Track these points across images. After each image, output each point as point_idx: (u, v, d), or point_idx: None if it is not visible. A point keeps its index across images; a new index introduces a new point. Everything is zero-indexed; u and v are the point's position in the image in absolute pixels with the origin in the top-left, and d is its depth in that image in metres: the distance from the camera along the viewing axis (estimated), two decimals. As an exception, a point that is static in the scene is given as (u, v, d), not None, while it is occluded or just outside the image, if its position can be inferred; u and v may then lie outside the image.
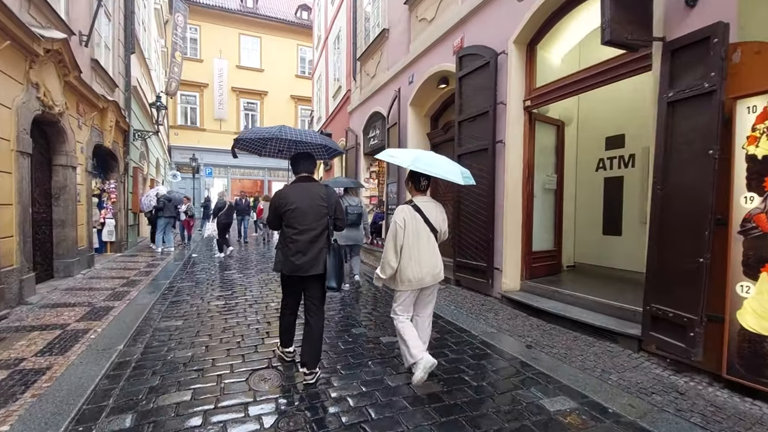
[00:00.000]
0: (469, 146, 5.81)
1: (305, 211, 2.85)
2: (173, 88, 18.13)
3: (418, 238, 2.84)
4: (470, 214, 5.77)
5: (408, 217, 2.84)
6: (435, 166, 2.80)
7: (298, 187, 2.95)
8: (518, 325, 4.43)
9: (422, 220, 2.87)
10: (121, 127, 9.38)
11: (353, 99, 11.60)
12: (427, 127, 8.10)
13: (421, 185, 3.00)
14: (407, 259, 2.82)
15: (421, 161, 2.78)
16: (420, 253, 2.84)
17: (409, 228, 2.82)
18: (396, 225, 2.82)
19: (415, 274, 2.83)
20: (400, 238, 2.82)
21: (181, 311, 4.86)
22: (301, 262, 2.79)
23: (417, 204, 2.91)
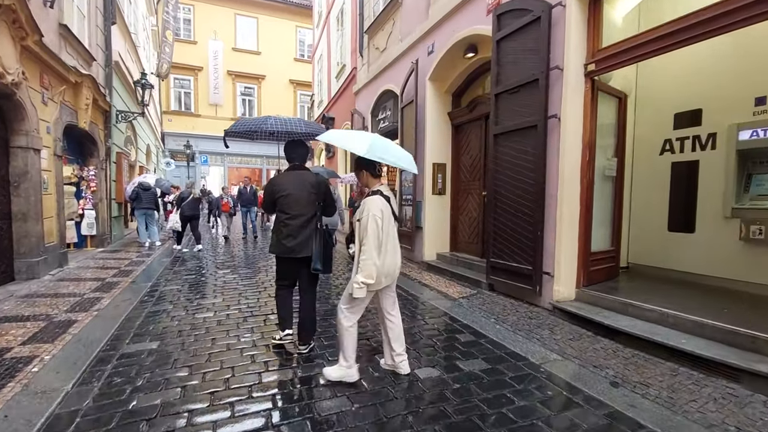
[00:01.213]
0: (509, 124, 4.78)
1: (297, 198, 3.09)
2: (164, 70, 16.94)
3: (390, 230, 2.69)
4: (510, 207, 4.77)
5: (383, 208, 2.63)
6: (389, 153, 2.62)
7: (291, 175, 3.19)
8: (586, 349, 3.47)
9: (390, 209, 2.72)
10: (100, 107, 8.31)
11: (360, 77, 10.50)
12: (448, 105, 7.06)
13: (377, 172, 2.80)
14: (383, 254, 2.64)
15: (377, 147, 2.54)
16: (393, 246, 2.72)
17: (385, 220, 2.63)
18: (376, 219, 2.57)
19: (389, 270, 2.70)
20: (380, 233, 2.59)
21: (158, 327, 3.88)
22: (292, 244, 3.06)
23: (385, 194, 2.71)
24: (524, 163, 4.58)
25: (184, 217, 8.67)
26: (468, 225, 6.78)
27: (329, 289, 5.53)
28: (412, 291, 5.46)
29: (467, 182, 6.80)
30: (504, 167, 4.89)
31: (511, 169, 4.76)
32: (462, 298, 5.08)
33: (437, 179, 6.97)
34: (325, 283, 5.80)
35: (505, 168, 4.87)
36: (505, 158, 4.87)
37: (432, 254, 7.07)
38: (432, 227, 7.04)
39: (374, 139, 2.63)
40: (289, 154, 3.34)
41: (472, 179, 6.66)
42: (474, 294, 5.23)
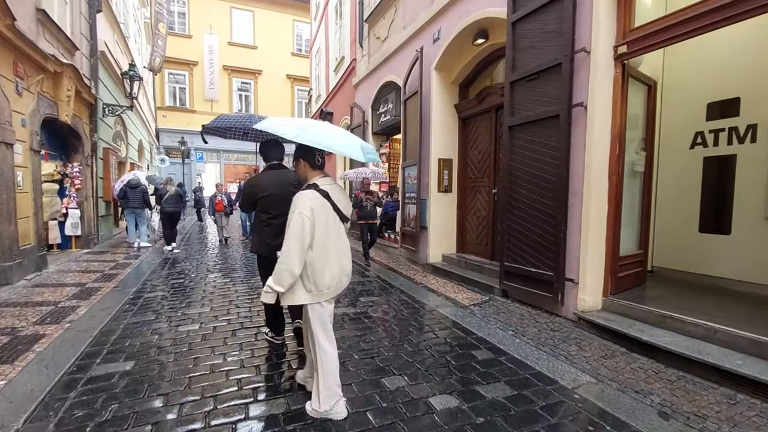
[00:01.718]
0: (528, 114, 4.33)
1: (278, 198, 2.99)
2: (158, 63, 16.36)
3: (330, 232, 2.26)
4: (528, 205, 4.33)
5: (316, 205, 2.20)
6: (327, 138, 2.16)
7: (270, 174, 3.14)
8: (622, 369, 3.04)
9: (331, 207, 2.27)
10: (84, 99, 7.83)
11: (359, 69, 10.03)
12: (455, 97, 6.60)
13: (317, 161, 2.38)
14: (322, 259, 2.21)
15: (309, 131, 2.13)
16: (337, 250, 2.29)
17: (320, 219, 2.20)
18: (302, 217, 2.13)
19: (335, 278, 2.27)
20: (308, 234, 2.15)
21: (135, 343, 3.43)
22: (275, 243, 2.91)
23: (322, 188, 2.27)
24: (544, 157, 4.13)
25: (165, 214, 8.27)
26: (476, 225, 6.34)
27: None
28: (418, 297, 5.03)
29: (475, 179, 6.35)
30: (520, 162, 4.45)
31: (529, 164, 4.32)
32: (473, 306, 4.64)
33: (443, 176, 6.53)
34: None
35: (521, 163, 4.43)
36: (521, 152, 4.43)
37: (437, 256, 6.64)
38: (438, 227, 6.60)
39: (307, 122, 2.25)
40: (265, 153, 3.27)
41: (480, 176, 6.21)
42: (486, 301, 4.80)
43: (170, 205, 8.22)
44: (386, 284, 5.69)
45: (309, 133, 2.10)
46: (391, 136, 9.65)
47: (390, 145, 9.77)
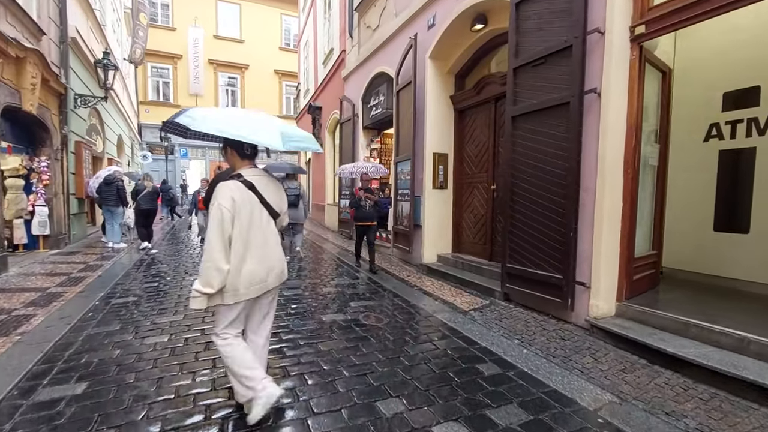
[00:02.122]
0: (533, 102, 3.98)
1: None
2: (138, 55, 15.71)
3: (254, 227, 2.09)
4: (533, 202, 3.98)
5: (238, 197, 2.03)
6: (229, 125, 1.96)
7: None
8: (646, 386, 2.70)
9: (257, 200, 2.11)
10: (52, 88, 7.27)
11: (349, 61, 9.61)
12: (450, 87, 6.23)
13: (246, 151, 2.19)
14: (240, 257, 2.03)
15: (210, 119, 1.95)
16: (259, 247, 2.11)
17: (242, 213, 2.03)
18: (221, 209, 1.97)
19: (255, 277, 2.08)
20: (228, 229, 1.98)
21: (93, 360, 2.99)
22: None
23: (248, 179, 2.10)
24: (552, 149, 3.78)
25: (140, 211, 7.83)
26: (473, 223, 5.98)
27: (316, 299, 4.68)
28: (413, 301, 4.65)
29: (472, 174, 5.99)
30: (524, 155, 4.09)
31: (534, 156, 3.96)
32: (474, 311, 4.28)
33: (438, 171, 6.16)
34: (311, 294, 4.95)
35: (525, 156, 4.07)
36: (525, 144, 4.07)
37: (432, 256, 6.27)
38: (432, 225, 6.23)
39: (216, 110, 2.10)
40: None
41: (478, 171, 5.85)
42: (487, 305, 4.44)
43: (145, 202, 7.77)
44: (378, 286, 5.30)
45: (210, 120, 1.93)
46: (383, 130, 9.26)
47: (381, 140, 9.37)
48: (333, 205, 11.64)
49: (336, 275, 5.98)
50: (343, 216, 10.02)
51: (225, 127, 1.92)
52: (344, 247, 8.55)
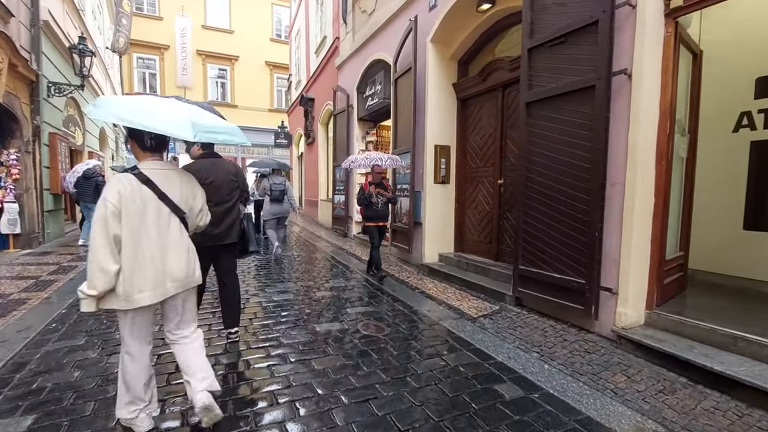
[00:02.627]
0: (552, 87, 3.57)
1: (219, 185, 3.03)
2: (122, 44, 15.03)
3: (148, 225, 1.86)
4: (551, 198, 3.59)
5: (127, 192, 1.82)
6: (130, 112, 1.76)
7: (209, 162, 3.09)
8: (693, 410, 2.33)
9: (154, 196, 1.89)
10: (22, 75, 6.70)
11: (343, 49, 9.12)
12: (453, 74, 5.80)
13: (147, 143, 1.96)
14: (131, 258, 1.81)
15: (107, 106, 1.78)
16: (154, 248, 1.88)
17: (131, 209, 1.82)
18: (105, 204, 1.78)
19: (148, 281, 1.85)
20: (113, 225, 1.77)
21: (47, 383, 2.53)
22: (216, 232, 2.96)
23: (144, 172, 1.90)
24: (573, 138, 3.38)
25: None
26: (477, 220, 5.58)
27: (309, 305, 4.26)
28: (416, 306, 4.25)
29: (476, 168, 5.58)
30: (541, 146, 3.69)
31: (553, 147, 3.56)
32: (483, 318, 3.89)
33: (440, 165, 5.74)
34: (303, 299, 4.52)
35: (542, 147, 3.67)
36: (542, 133, 3.67)
37: (434, 255, 5.87)
38: (434, 223, 5.82)
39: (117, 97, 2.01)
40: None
41: (483, 164, 5.45)
42: (497, 311, 4.05)
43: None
44: (376, 289, 4.89)
45: (110, 107, 1.78)
46: (379, 122, 8.81)
47: (378, 132, 8.92)
48: (326, 201, 11.19)
49: (331, 276, 5.55)
50: (337, 212, 9.58)
51: (123, 114, 1.75)
52: (338, 245, 8.12)
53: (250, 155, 23.06)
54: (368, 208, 5.21)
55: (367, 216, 5.29)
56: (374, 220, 5.27)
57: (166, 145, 2.06)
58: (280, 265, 6.18)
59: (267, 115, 22.92)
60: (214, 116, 2.31)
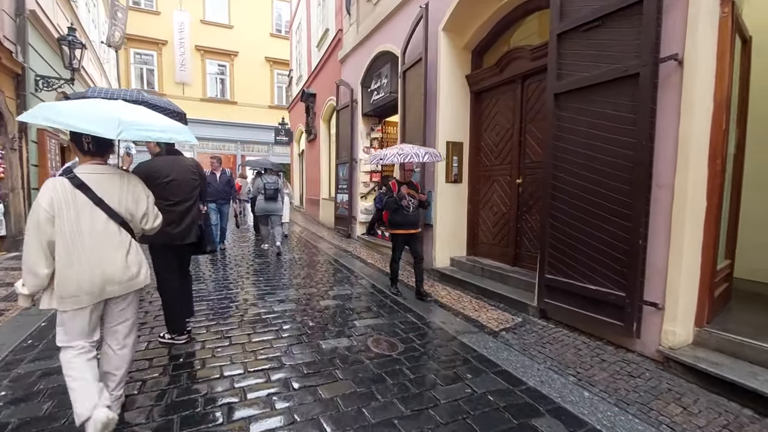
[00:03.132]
0: (585, 76, 3.19)
1: (180, 184, 2.99)
2: (118, 39, 14.63)
3: (83, 230, 1.90)
4: (584, 199, 3.22)
5: (60, 196, 1.87)
6: (58, 113, 1.80)
7: (169, 160, 3.03)
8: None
9: (88, 201, 1.91)
10: (6, 67, 6.32)
11: (346, 41, 8.73)
12: (467, 65, 5.42)
13: (84, 147, 1.98)
14: (65, 262, 1.85)
15: (42, 108, 1.87)
16: (89, 252, 1.90)
17: (64, 214, 1.86)
18: (37, 208, 1.83)
19: (83, 286, 1.88)
20: (47, 231, 1.83)
21: (12, 418, 2.18)
22: (176, 231, 2.95)
23: (79, 176, 1.92)
24: (611, 134, 3.01)
25: None
26: (492, 222, 5.22)
27: (313, 317, 3.89)
28: (428, 317, 3.89)
29: (491, 166, 5.21)
30: (570, 142, 3.32)
31: (586, 144, 3.19)
32: (505, 332, 3.53)
33: (452, 163, 5.37)
34: (306, 309, 4.16)
35: (573, 143, 3.30)
36: (573, 128, 3.30)
37: (445, 259, 5.50)
38: (445, 225, 5.46)
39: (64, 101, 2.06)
40: None
41: (499, 163, 5.07)
42: (520, 324, 3.69)
43: None
44: (385, 297, 4.53)
45: (40, 110, 1.84)
46: (385, 117, 8.43)
47: (383, 128, 8.55)
48: (328, 200, 10.82)
49: (335, 282, 5.18)
50: (339, 212, 9.20)
51: (50, 115, 1.80)
52: (341, 247, 7.76)
53: (250, 153, 22.71)
54: (396, 212, 4.36)
55: (394, 222, 4.42)
56: (405, 227, 4.40)
57: (108, 148, 2.05)
58: (280, 270, 5.82)
59: (267, 112, 22.53)
60: (155, 114, 2.24)
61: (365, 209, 8.39)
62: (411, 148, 4.32)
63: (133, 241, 2.10)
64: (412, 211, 4.36)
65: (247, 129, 22.34)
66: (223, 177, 7.22)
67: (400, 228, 4.41)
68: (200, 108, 21.40)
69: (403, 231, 4.41)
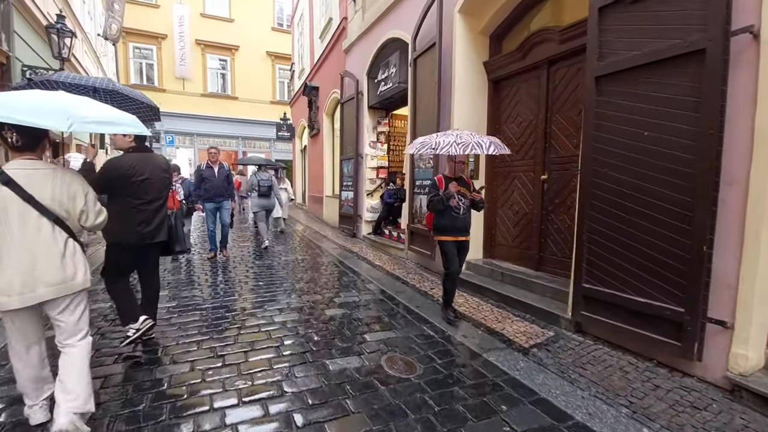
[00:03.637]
0: (633, 54, 2.76)
1: (154, 182, 2.91)
2: (115, 31, 14.21)
3: (12, 228, 1.82)
4: (631, 198, 2.80)
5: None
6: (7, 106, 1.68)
7: (141, 157, 2.92)
8: None
9: (17, 197, 1.82)
10: (-12, 56, 5.92)
11: (351, 30, 8.28)
12: (484, 51, 4.97)
13: (14, 141, 1.87)
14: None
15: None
16: (20, 251, 1.83)
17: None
18: None
19: (14, 287, 1.82)
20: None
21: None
22: (147, 230, 2.87)
23: (7, 172, 1.82)
24: (667, 122, 2.57)
25: None
26: (512, 223, 4.79)
27: (317, 330, 3.48)
28: (446, 328, 3.48)
29: (511, 162, 4.77)
30: (614, 131, 2.89)
31: (634, 134, 2.76)
32: (536, 348, 3.11)
33: (468, 158, 4.93)
34: (310, 320, 3.75)
35: (616, 132, 2.87)
36: (618, 116, 2.87)
37: (460, 262, 5.07)
38: (460, 225, 5.02)
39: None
40: None
41: (520, 157, 4.64)
42: (552, 340, 3.26)
43: None
44: (397, 305, 4.12)
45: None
46: (392, 110, 7.99)
47: (390, 122, 8.11)
48: (332, 197, 10.40)
49: (341, 288, 4.77)
50: (344, 210, 8.78)
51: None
52: (346, 247, 7.34)
53: (251, 149, 22.31)
54: (443, 215, 3.58)
55: (441, 227, 3.63)
56: (453, 233, 3.61)
57: (38, 143, 1.96)
58: (282, 272, 5.41)
59: (269, 107, 22.12)
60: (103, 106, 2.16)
61: (371, 207, 7.97)
62: (471, 136, 3.40)
63: (70, 240, 1.98)
64: (462, 213, 3.58)
65: (248, 125, 21.95)
66: (222, 171, 6.24)
67: (447, 233, 3.62)
68: (201, 103, 21.02)
69: (450, 237, 3.62)
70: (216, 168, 6.17)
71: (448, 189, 3.46)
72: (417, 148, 3.58)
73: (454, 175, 3.65)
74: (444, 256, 3.65)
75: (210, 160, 6.19)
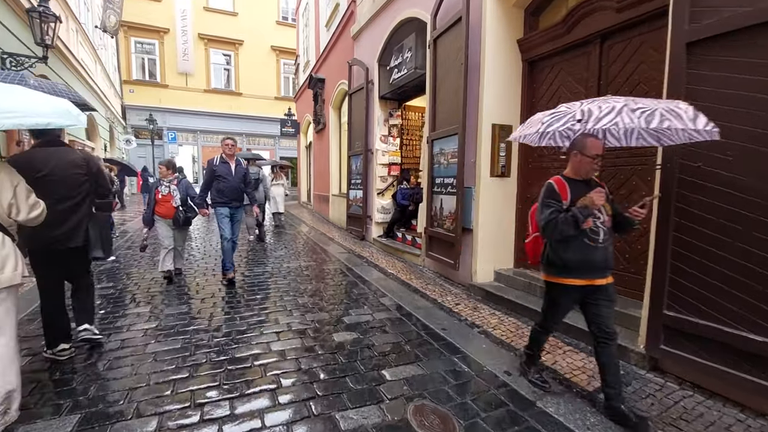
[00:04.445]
0: (743, 11, 2.06)
1: (58, 180, 2.64)
2: (113, 23, 13.64)
3: None
4: (740, 203, 2.11)
5: None
6: None
7: (47, 152, 2.65)
8: None
9: None
10: (-40, 41, 5.32)
11: (360, 14, 7.58)
12: (518, 28, 4.27)
13: None
14: None
15: None
16: None
17: None
18: None
19: None
20: None
21: None
22: (56, 234, 2.64)
23: None
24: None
25: None
26: (551, 227, 4.08)
27: (325, 362, 2.82)
28: (487, 364, 2.80)
29: (550, 156, 4.08)
30: (717, 114, 2.17)
31: (744, 117, 2.08)
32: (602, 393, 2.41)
33: (498, 152, 4.25)
34: (315, 347, 3.08)
35: (721, 115, 2.16)
36: (717, 92, 2.18)
37: (488, 273, 4.40)
38: (489, 229, 4.35)
39: None
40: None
41: (552, 152, 3.94)
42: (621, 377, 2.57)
43: None
44: (417, 327, 3.45)
45: None
46: (405, 101, 7.30)
47: (403, 114, 7.42)
48: (339, 196, 9.73)
49: (350, 303, 4.10)
50: (352, 210, 8.11)
51: None
52: (355, 252, 6.67)
53: (255, 146, 21.76)
54: (571, 243, 2.18)
55: (563, 263, 2.22)
56: (584, 273, 2.18)
57: None
58: (283, 282, 4.76)
59: (273, 103, 21.58)
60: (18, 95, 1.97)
61: (382, 207, 7.29)
62: (613, 101, 2.01)
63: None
64: (602, 241, 2.16)
65: (252, 121, 21.44)
66: (239, 169, 4.79)
67: (572, 275, 2.20)
68: (204, 99, 20.53)
69: (579, 281, 2.19)
70: (233, 165, 4.75)
71: (589, 201, 2.05)
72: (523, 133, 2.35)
73: (585, 176, 2.22)
74: (551, 306, 2.40)
75: (225, 152, 4.74)
